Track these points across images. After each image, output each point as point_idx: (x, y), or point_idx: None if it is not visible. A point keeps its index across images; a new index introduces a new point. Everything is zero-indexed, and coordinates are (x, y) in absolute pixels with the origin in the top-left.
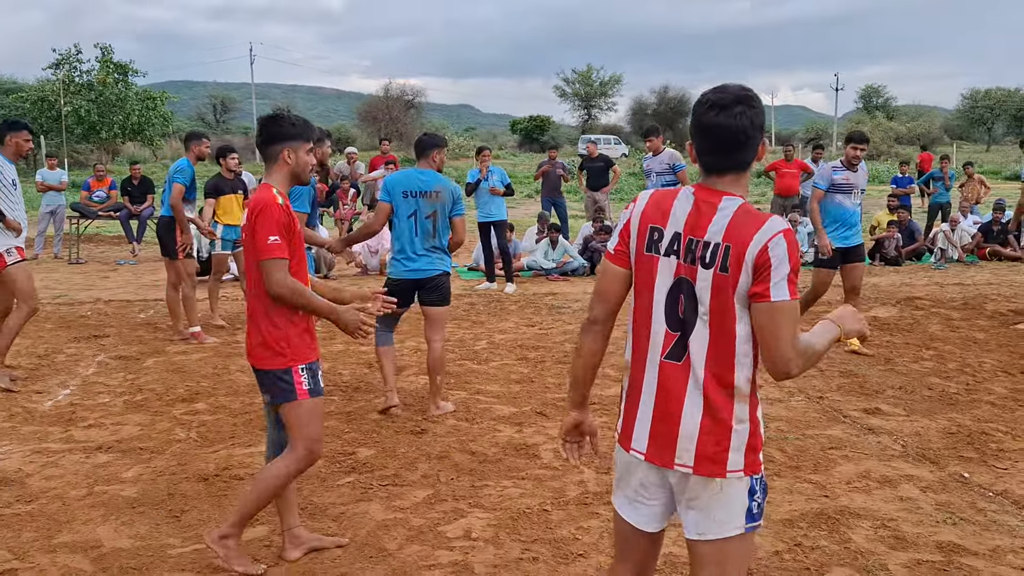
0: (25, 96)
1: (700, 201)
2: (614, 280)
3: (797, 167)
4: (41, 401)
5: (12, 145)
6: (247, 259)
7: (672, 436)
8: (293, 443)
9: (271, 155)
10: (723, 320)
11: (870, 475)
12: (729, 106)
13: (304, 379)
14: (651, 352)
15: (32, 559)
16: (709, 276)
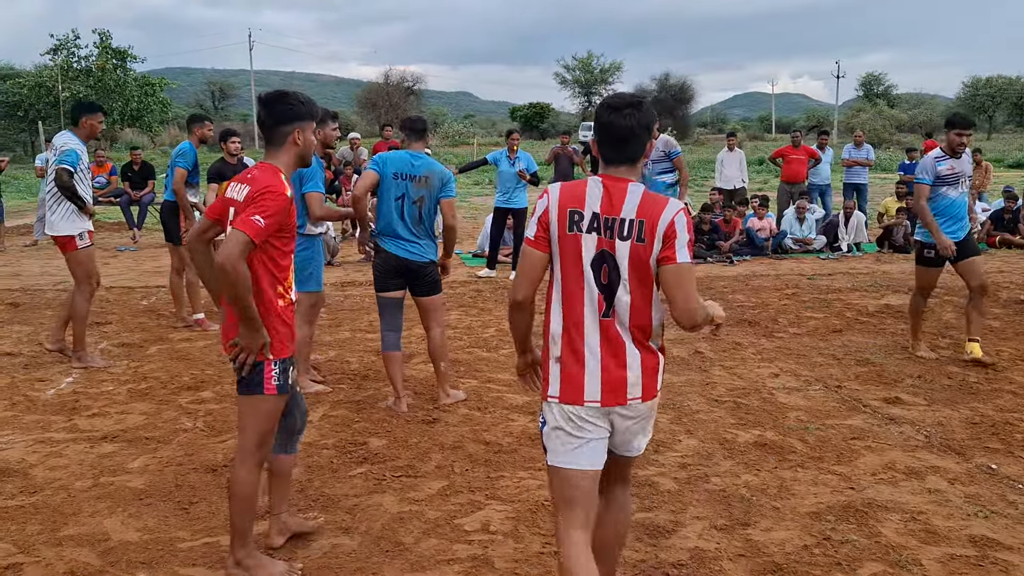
0: (22, 82)
1: (609, 187)
2: (537, 264)
3: (805, 153)
4: (43, 389)
5: (87, 127)
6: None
7: (623, 378)
8: (245, 437)
9: (279, 136)
10: (641, 280)
11: (895, 466)
12: (621, 108)
13: (275, 374)
14: (589, 315)
15: (38, 553)
16: (627, 246)
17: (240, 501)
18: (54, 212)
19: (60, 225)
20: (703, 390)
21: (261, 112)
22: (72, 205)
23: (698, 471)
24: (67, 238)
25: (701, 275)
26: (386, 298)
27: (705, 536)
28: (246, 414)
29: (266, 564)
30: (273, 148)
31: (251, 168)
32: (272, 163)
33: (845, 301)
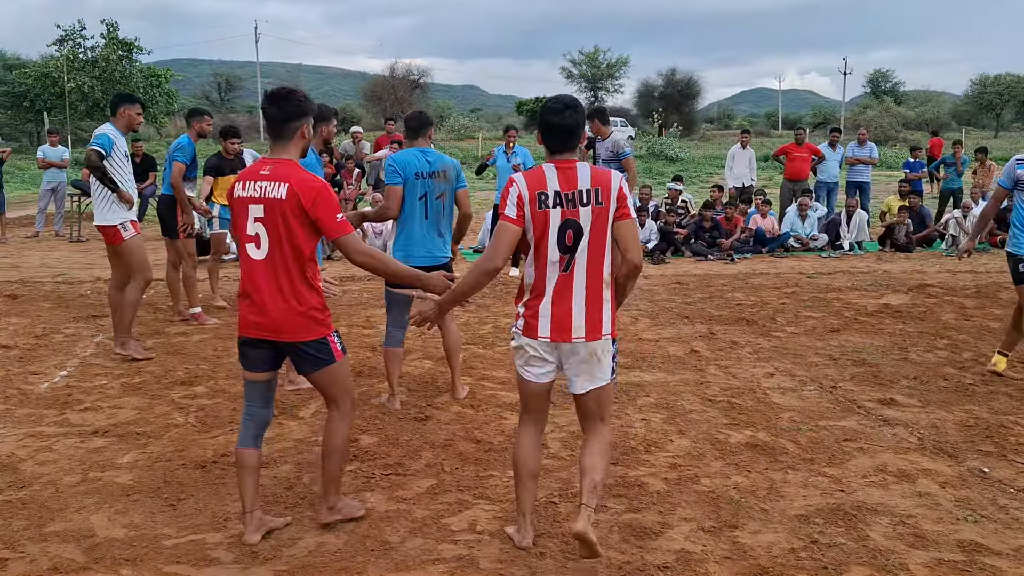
0: (28, 72)
1: (562, 169)
2: (514, 237)
3: (808, 151)
4: (37, 383)
5: (125, 117)
6: (278, 237)
7: (568, 321)
8: (339, 402)
9: (289, 131)
10: (599, 237)
11: (887, 469)
12: (561, 110)
13: (337, 342)
14: (550, 272)
15: (23, 548)
16: (589, 211)
17: (341, 453)
18: (97, 203)
19: (101, 216)
20: (697, 389)
21: (270, 108)
22: (113, 195)
23: (688, 472)
24: (111, 229)
25: (701, 273)
26: (398, 295)
27: (692, 538)
28: (332, 384)
29: (350, 503)
30: (283, 142)
31: (265, 163)
32: (287, 158)
33: (844, 300)
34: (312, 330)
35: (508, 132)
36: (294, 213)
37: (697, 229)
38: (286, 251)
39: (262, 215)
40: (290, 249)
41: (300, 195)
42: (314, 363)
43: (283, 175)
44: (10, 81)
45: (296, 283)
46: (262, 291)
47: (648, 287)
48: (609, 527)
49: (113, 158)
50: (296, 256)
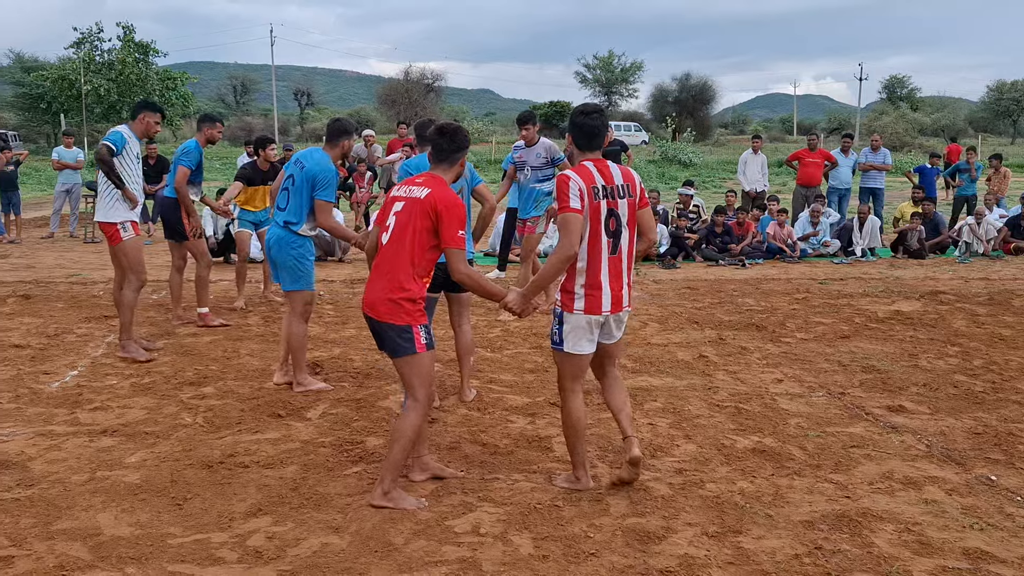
0: (46, 75)
1: (599, 167)
2: (581, 225)
3: (820, 156)
4: (48, 382)
5: (143, 123)
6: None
7: (621, 294)
8: (414, 393)
9: (453, 159)
10: (631, 224)
11: (893, 476)
12: (591, 114)
13: (422, 335)
14: (603, 254)
15: (29, 546)
16: (626, 202)
17: (407, 442)
18: (101, 200)
19: (103, 212)
20: (705, 395)
21: (441, 140)
22: (117, 192)
23: (693, 477)
24: (111, 227)
25: (712, 278)
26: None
27: (696, 543)
28: (408, 373)
29: (404, 496)
30: (444, 165)
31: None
32: (441, 176)
33: (855, 307)
34: (398, 316)
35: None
36: (425, 213)
37: (708, 234)
38: (404, 242)
39: (400, 210)
40: (408, 241)
41: (437, 200)
42: (394, 348)
43: (431, 184)
44: (28, 83)
45: (401, 271)
46: (376, 273)
47: (658, 292)
48: (612, 531)
49: (124, 158)
50: (411, 248)
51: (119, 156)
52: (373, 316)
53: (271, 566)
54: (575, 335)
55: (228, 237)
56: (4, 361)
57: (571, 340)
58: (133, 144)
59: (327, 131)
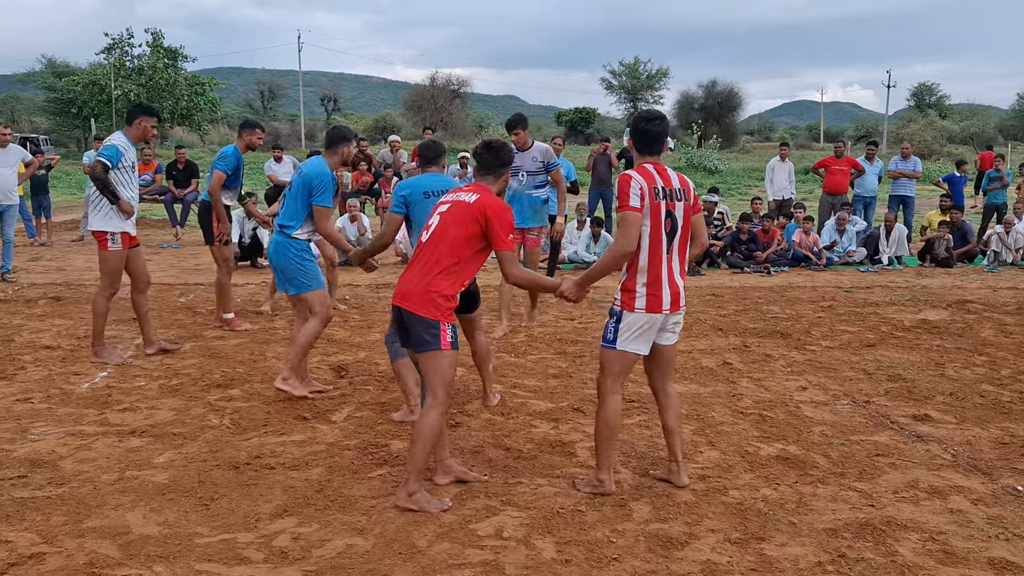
0: (77, 80)
1: (659, 170)
2: (639, 222)
3: (847, 164)
4: (78, 383)
5: (140, 128)
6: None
7: (678, 293)
8: (434, 390)
9: (498, 173)
10: (687, 226)
11: (918, 485)
12: (652, 119)
13: (448, 334)
14: (663, 254)
15: (60, 543)
16: (682, 205)
17: (427, 441)
18: (95, 209)
19: (95, 221)
20: (729, 402)
21: (487, 155)
22: (114, 206)
23: (717, 483)
24: (102, 235)
25: (736, 285)
26: None
27: (718, 549)
28: (431, 370)
29: (429, 498)
30: (490, 177)
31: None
32: (487, 187)
33: (881, 315)
34: (428, 310)
35: (552, 140)
36: (474, 219)
37: (734, 241)
38: (446, 241)
39: (445, 211)
40: (449, 240)
41: (486, 206)
42: (419, 342)
43: (480, 191)
44: (59, 88)
45: (438, 268)
46: (411, 266)
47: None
48: (635, 536)
49: (120, 170)
50: (448, 247)
51: (115, 169)
52: (403, 306)
53: (296, 566)
54: (631, 334)
55: (255, 241)
56: (36, 362)
57: (625, 338)
58: (129, 153)
59: (326, 138)
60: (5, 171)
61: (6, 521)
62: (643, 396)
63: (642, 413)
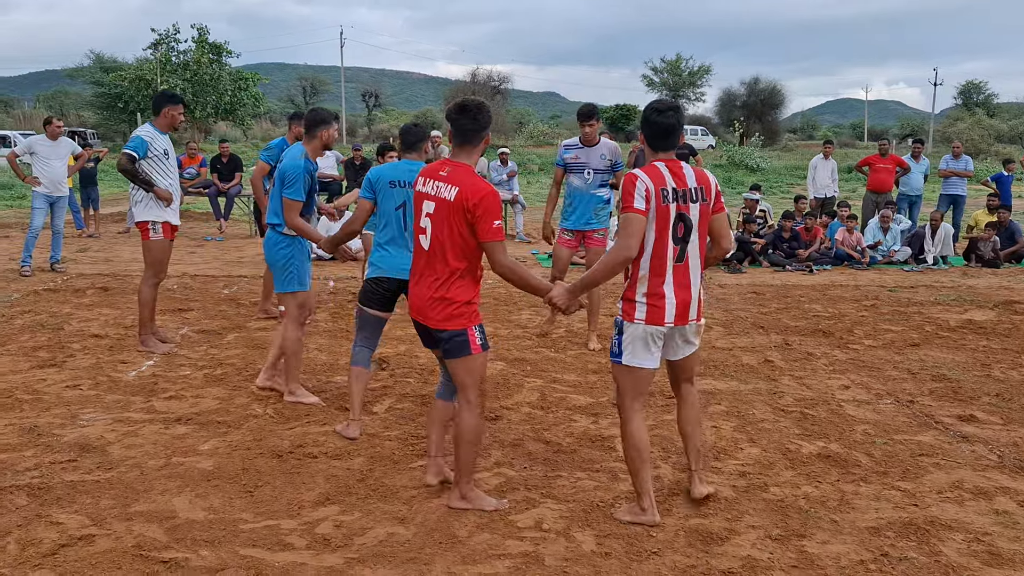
0: (124, 75)
1: (672, 168)
2: (643, 226)
3: (892, 162)
4: (126, 371)
5: (167, 117)
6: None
7: (687, 305)
8: (466, 394)
9: (478, 139)
10: (703, 231)
11: (963, 485)
12: (664, 111)
13: (477, 336)
14: (669, 262)
15: (109, 526)
16: (697, 207)
17: (469, 444)
18: (136, 202)
19: (137, 212)
20: (770, 399)
21: (462, 118)
22: (151, 194)
23: (757, 480)
24: (143, 225)
25: (778, 283)
26: (371, 315)
27: (759, 545)
28: (465, 373)
29: (483, 497)
30: (469, 147)
31: (446, 164)
32: (465, 162)
33: (926, 315)
34: (451, 321)
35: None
36: (459, 215)
37: (775, 239)
38: (445, 247)
39: (432, 212)
40: (449, 245)
41: (467, 198)
42: (449, 351)
43: (458, 180)
44: (107, 83)
45: (448, 277)
46: (420, 278)
47: (723, 296)
48: (675, 531)
49: (151, 159)
50: (453, 253)
51: (144, 159)
52: (424, 323)
53: (338, 553)
54: (634, 347)
55: None
56: (84, 350)
57: (630, 352)
58: (158, 142)
59: (304, 123)
60: (56, 164)
61: (57, 503)
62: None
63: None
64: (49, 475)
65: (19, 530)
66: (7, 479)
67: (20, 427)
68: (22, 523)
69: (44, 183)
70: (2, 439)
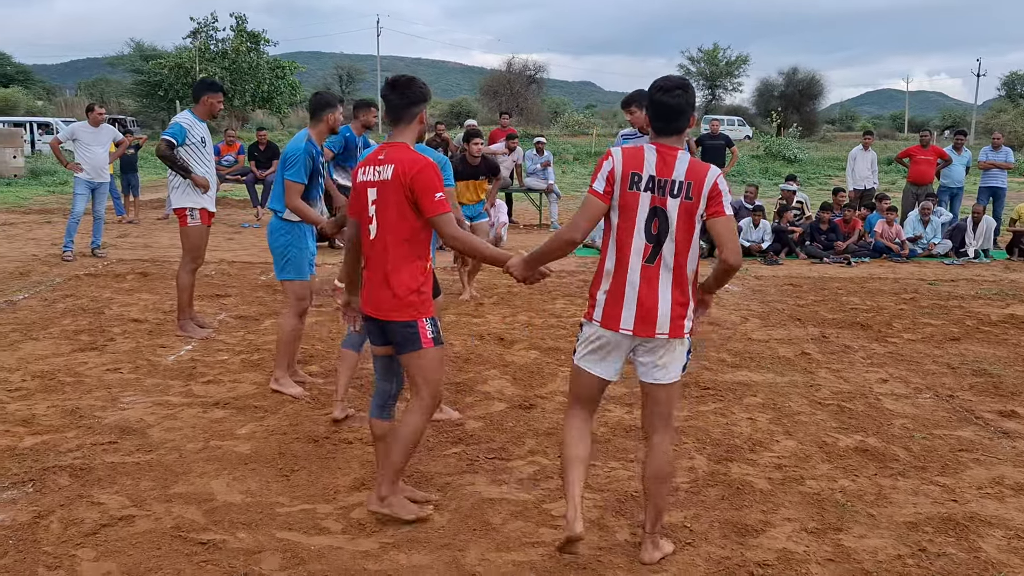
0: (163, 63)
1: (663, 153)
2: (599, 212)
3: (933, 154)
4: (165, 355)
5: (206, 105)
6: (386, 217)
7: (652, 314)
8: (418, 391)
9: (409, 115)
10: (687, 231)
11: (1004, 481)
12: (671, 90)
13: (428, 329)
14: (633, 259)
15: (149, 507)
16: (677, 203)
17: (408, 445)
18: (173, 188)
19: (174, 199)
20: (807, 392)
21: (391, 95)
22: (188, 181)
23: (793, 473)
24: (180, 211)
25: (816, 275)
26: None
27: (794, 538)
28: (415, 369)
29: (405, 503)
30: (401, 126)
31: (383, 148)
32: (400, 140)
33: (966, 309)
34: (399, 312)
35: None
36: (398, 192)
37: (813, 231)
38: (392, 232)
39: (376, 198)
40: (396, 230)
41: (403, 173)
42: (398, 345)
43: (393, 158)
44: (147, 71)
45: (397, 264)
46: (370, 269)
47: (760, 287)
48: (710, 522)
49: (189, 146)
50: (401, 238)
51: (182, 146)
52: (373, 315)
53: (373, 538)
54: (586, 348)
55: None
56: (124, 334)
57: (582, 353)
58: (196, 129)
59: (309, 107)
60: (98, 150)
61: (98, 484)
62: (717, 384)
63: (716, 401)
64: (91, 456)
65: (61, 510)
66: (50, 460)
67: (62, 409)
68: (64, 503)
69: (86, 169)
70: (45, 420)
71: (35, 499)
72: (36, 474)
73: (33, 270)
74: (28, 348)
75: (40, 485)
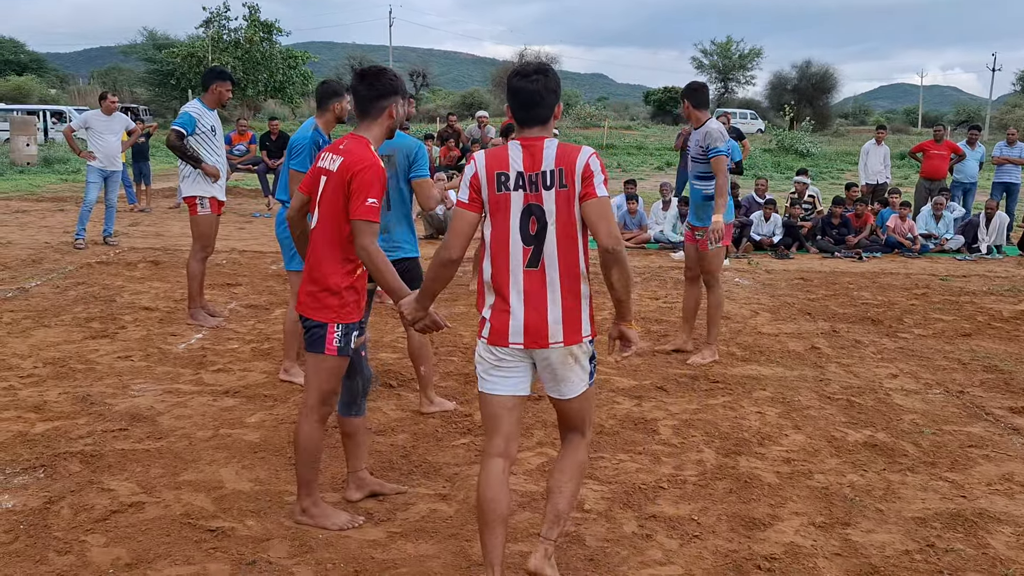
0: (176, 52)
1: (527, 147)
2: (469, 224)
3: (947, 149)
4: (175, 343)
5: (215, 93)
6: (325, 208)
7: (542, 323)
8: (307, 393)
9: (376, 109)
10: (568, 223)
11: (1013, 478)
12: (529, 74)
13: (336, 336)
14: (515, 267)
15: (159, 494)
16: (552, 194)
17: (303, 452)
18: (183, 177)
19: (184, 187)
20: (816, 386)
21: (359, 86)
22: (198, 170)
23: (802, 467)
24: (190, 200)
25: (827, 270)
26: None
27: (802, 532)
28: (310, 371)
29: (329, 513)
30: (367, 120)
31: (342, 140)
32: (363, 135)
33: (978, 304)
34: (317, 311)
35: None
36: (341, 187)
37: (824, 225)
38: (328, 225)
39: (324, 186)
40: (331, 224)
41: (348, 167)
42: (308, 341)
43: (346, 151)
44: (159, 60)
45: (325, 259)
46: (307, 258)
47: (770, 281)
48: (717, 516)
49: (199, 135)
50: (335, 232)
51: (192, 135)
52: (299, 310)
53: (381, 527)
54: (481, 371)
55: None
56: (135, 322)
57: (479, 374)
58: (206, 118)
59: (316, 96)
60: (111, 138)
61: (108, 471)
62: (727, 377)
63: (725, 394)
64: (101, 443)
65: (72, 495)
66: (61, 446)
67: (74, 395)
68: (75, 489)
69: (99, 157)
70: (56, 407)
71: (46, 485)
72: (47, 460)
73: (45, 257)
74: (40, 335)
75: (51, 471)
